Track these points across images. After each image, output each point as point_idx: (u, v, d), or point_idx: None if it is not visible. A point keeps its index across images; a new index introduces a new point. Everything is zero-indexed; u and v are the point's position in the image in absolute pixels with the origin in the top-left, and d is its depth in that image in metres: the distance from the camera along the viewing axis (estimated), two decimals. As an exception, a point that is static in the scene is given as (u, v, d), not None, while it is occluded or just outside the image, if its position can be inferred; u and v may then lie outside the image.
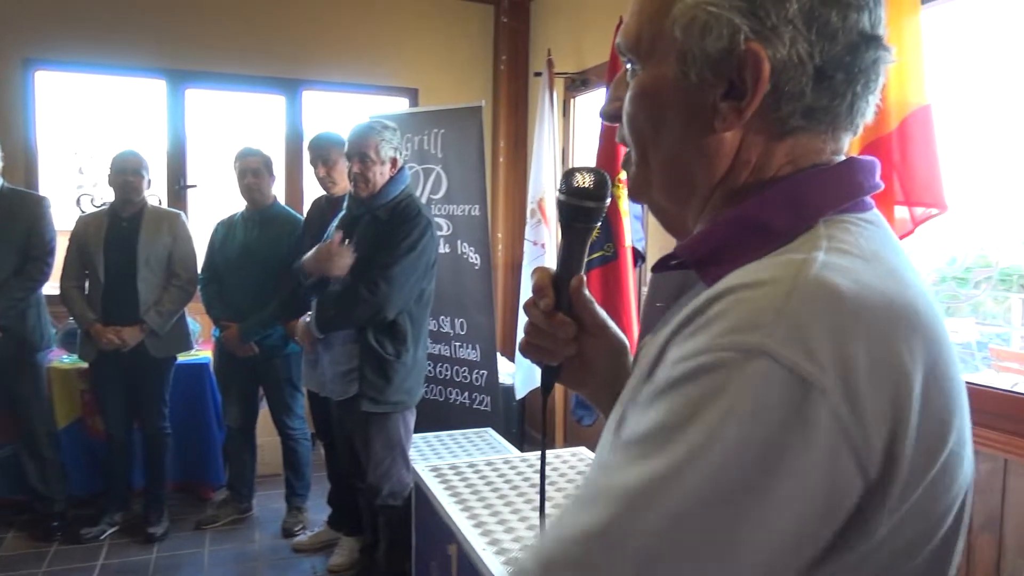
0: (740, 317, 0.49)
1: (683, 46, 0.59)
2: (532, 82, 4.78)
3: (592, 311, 0.80)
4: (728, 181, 0.62)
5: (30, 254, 3.28)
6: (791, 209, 0.58)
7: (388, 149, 2.72)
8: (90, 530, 3.39)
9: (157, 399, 3.45)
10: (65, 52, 4.15)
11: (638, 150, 0.66)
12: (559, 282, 0.78)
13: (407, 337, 2.72)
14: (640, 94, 0.63)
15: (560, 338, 0.78)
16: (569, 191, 0.77)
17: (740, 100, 0.58)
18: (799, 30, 0.56)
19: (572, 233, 0.79)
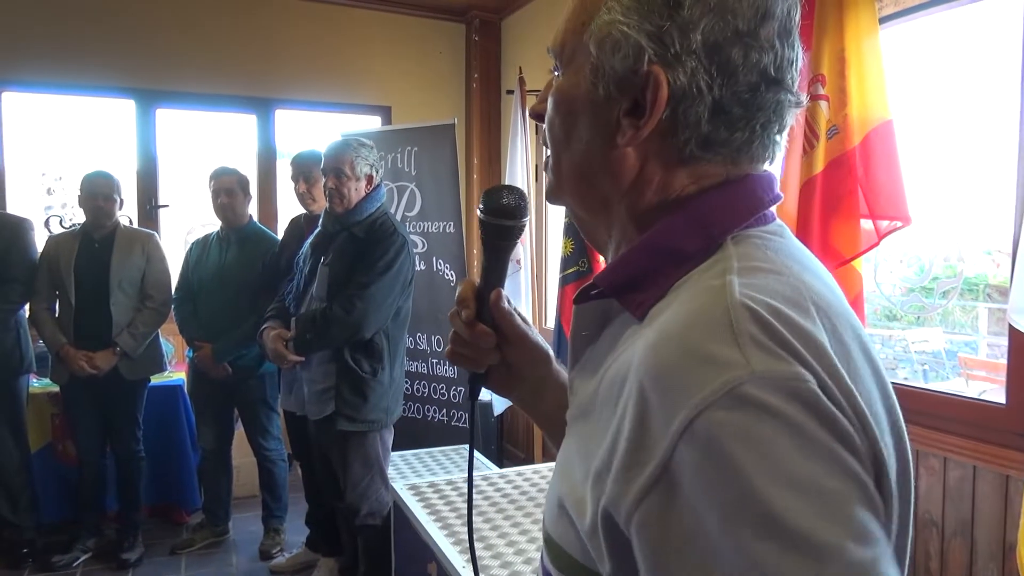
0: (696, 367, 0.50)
1: (596, 60, 0.62)
2: (504, 99, 4.81)
3: (511, 322, 0.82)
4: (634, 197, 0.63)
5: (8, 275, 3.24)
6: (699, 231, 0.60)
7: (364, 165, 2.72)
8: (62, 557, 3.33)
9: (130, 422, 3.40)
10: (32, 73, 4.11)
11: (553, 153, 0.68)
12: (481, 294, 0.81)
13: (383, 355, 2.72)
14: (558, 99, 0.66)
15: (481, 347, 0.81)
16: (488, 210, 0.80)
17: (640, 119, 0.60)
18: (701, 62, 0.58)
19: (492, 250, 0.82)
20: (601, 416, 0.58)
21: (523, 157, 3.93)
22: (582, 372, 0.69)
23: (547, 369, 0.86)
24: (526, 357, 0.84)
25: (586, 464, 0.58)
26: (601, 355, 0.65)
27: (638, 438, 0.51)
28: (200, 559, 3.44)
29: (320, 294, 2.72)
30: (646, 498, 0.50)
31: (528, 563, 1.94)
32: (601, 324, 0.68)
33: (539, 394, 0.86)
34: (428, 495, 2.44)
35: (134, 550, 3.39)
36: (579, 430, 0.64)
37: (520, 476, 2.61)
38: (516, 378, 0.85)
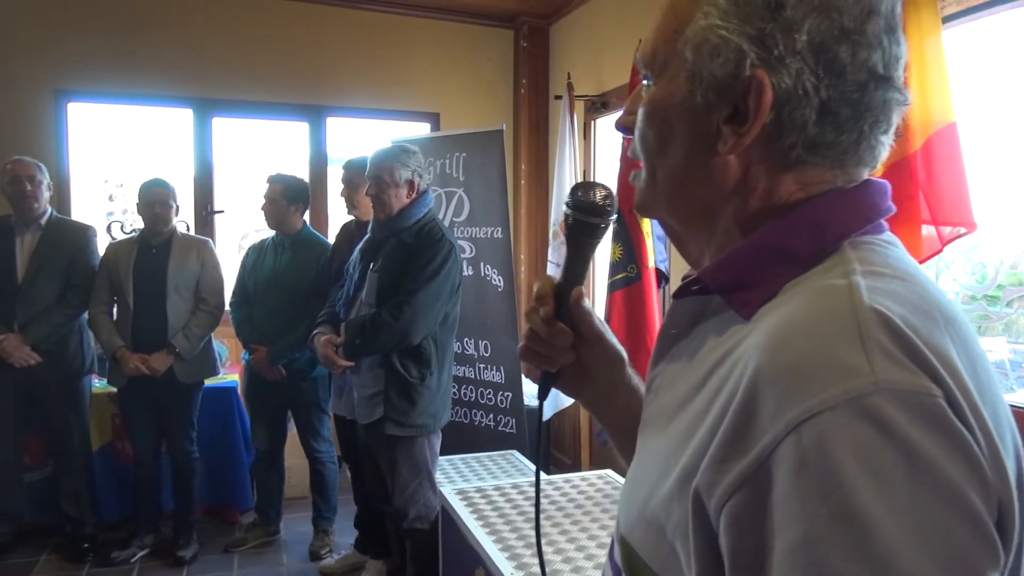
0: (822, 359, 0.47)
1: (693, 67, 0.60)
2: (552, 105, 4.81)
3: (590, 322, 0.81)
4: (737, 205, 0.62)
5: (72, 281, 3.36)
6: (813, 234, 0.58)
7: (404, 172, 2.74)
8: (120, 553, 3.43)
9: (185, 423, 3.49)
10: (95, 83, 4.26)
11: (647, 165, 0.67)
12: (560, 292, 0.80)
13: (431, 360, 2.73)
14: (650, 110, 0.65)
15: (558, 346, 0.80)
16: (575, 206, 0.79)
17: (742, 125, 0.58)
18: (807, 63, 0.56)
19: (576, 247, 0.81)
20: (697, 413, 0.57)
21: (571, 162, 3.92)
22: (668, 370, 0.68)
23: (621, 372, 0.85)
24: (601, 358, 0.83)
25: (673, 462, 0.57)
26: (692, 353, 0.64)
27: (740, 428, 0.49)
28: (252, 558, 3.51)
29: (369, 300, 2.75)
30: (738, 492, 0.48)
31: (577, 571, 1.93)
32: (692, 321, 0.67)
33: (611, 397, 0.85)
34: (476, 500, 2.44)
35: (189, 548, 3.47)
36: (664, 428, 0.63)
37: (568, 483, 2.59)
38: (589, 379, 0.84)
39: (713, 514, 0.50)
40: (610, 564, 0.70)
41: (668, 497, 0.56)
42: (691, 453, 0.54)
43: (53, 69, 4.17)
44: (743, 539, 0.48)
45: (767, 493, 0.47)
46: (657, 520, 0.58)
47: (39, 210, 3.37)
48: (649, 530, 0.60)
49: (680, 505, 0.54)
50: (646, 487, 0.61)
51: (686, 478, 0.54)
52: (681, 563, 0.55)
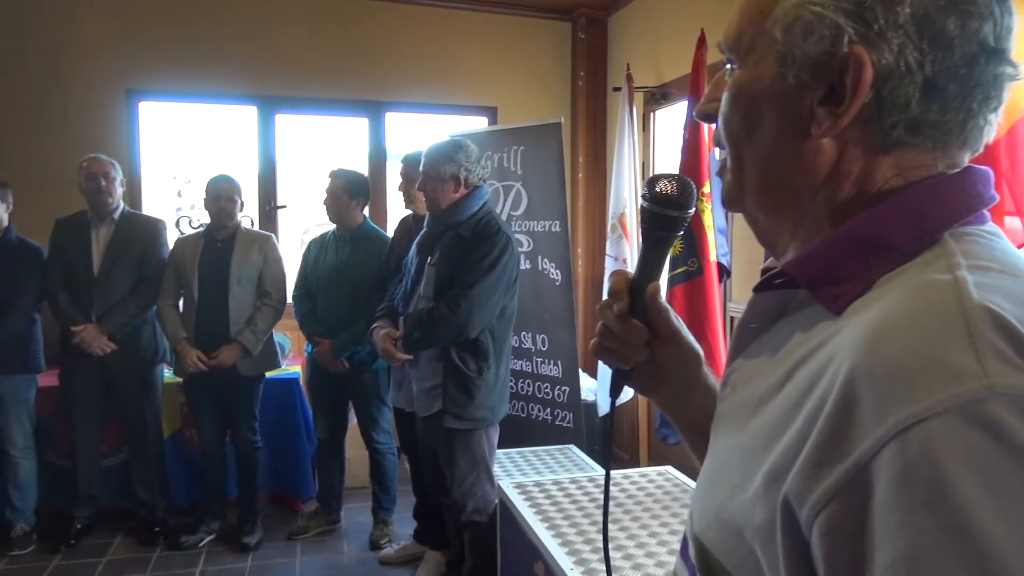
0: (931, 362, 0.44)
1: (783, 47, 0.58)
2: (611, 97, 4.76)
3: (666, 319, 0.79)
4: (828, 192, 0.59)
5: (144, 274, 3.49)
6: (911, 223, 0.55)
7: (449, 168, 2.73)
8: (189, 538, 3.54)
9: (247, 415, 3.58)
10: (165, 83, 4.40)
11: (732, 153, 0.64)
12: (635, 287, 0.78)
13: (489, 354, 2.74)
14: (736, 94, 0.62)
15: (632, 343, 0.78)
16: (652, 198, 0.77)
17: (838, 106, 0.56)
18: (910, 36, 0.53)
19: (652, 241, 0.79)
20: (782, 413, 0.54)
21: (630, 155, 3.87)
22: (746, 365, 0.65)
23: (697, 372, 0.82)
24: (677, 357, 0.81)
25: (755, 462, 0.54)
26: (774, 349, 0.61)
27: (835, 432, 0.47)
28: (314, 546, 3.59)
29: (427, 293, 2.77)
30: (834, 500, 0.45)
31: (637, 568, 1.91)
32: (775, 316, 0.64)
33: (686, 397, 0.83)
34: (534, 494, 2.44)
35: (253, 535, 3.57)
36: (742, 425, 0.60)
37: (627, 479, 2.57)
38: (663, 378, 0.82)
39: (805, 522, 0.47)
40: (683, 562, 0.68)
41: (750, 499, 0.54)
42: (777, 455, 0.52)
43: (125, 70, 4.32)
44: (839, 550, 0.45)
45: (866, 502, 0.44)
46: (735, 521, 0.56)
47: (113, 205, 3.50)
48: (725, 530, 0.58)
49: (764, 509, 0.52)
50: (724, 487, 0.59)
51: (772, 481, 0.51)
52: (760, 566, 0.53)
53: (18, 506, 3.50)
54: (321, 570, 3.36)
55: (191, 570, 3.33)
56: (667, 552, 2.00)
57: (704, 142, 3.08)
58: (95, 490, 3.63)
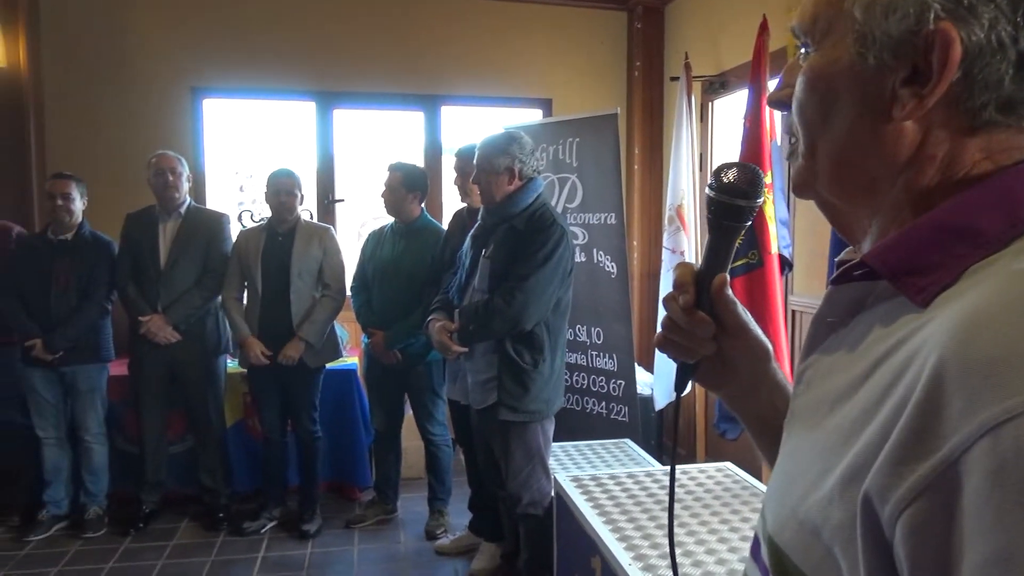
0: None
1: (863, 26, 0.55)
2: (667, 87, 4.69)
3: (734, 312, 0.77)
4: (909, 177, 0.56)
5: (208, 266, 3.59)
6: (1003, 210, 0.52)
7: (503, 160, 2.72)
8: (251, 524, 3.64)
9: (308, 405, 3.65)
10: (227, 80, 4.51)
11: (806, 140, 0.62)
12: (701, 279, 0.76)
13: (544, 346, 2.73)
14: (812, 78, 0.60)
15: (698, 336, 0.76)
16: (719, 187, 0.75)
17: (923, 86, 0.53)
18: (1002, 10, 0.50)
19: (719, 231, 0.77)
20: (863, 409, 0.52)
21: (688, 146, 3.80)
22: (823, 361, 0.63)
23: (765, 366, 0.80)
24: (745, 351, 0.79)
25: (833, 460, 0.52)
26: (852, 343, 0.59)
27: (921, 428, 0.45)
28: (372, 534, 3.64)
29: (482, 286, 2.77)
30: (920, 498, 0.43)
31: (697, 566, 1.88)
32: (853, 310, 0.61)
33: (753, 392, 0.81)
34: (591, 488, 2.43)
35: (313, 522, 3.64)
36: (819, 423, 0.58)
37: (685, 475, 2.53)
38: (730, 372, 0.80)
39: (887, 521, 0.45)
40: (756, 563, 0.66)
41: (827, 498, 0.52)
42: (857, 452, 0.49)
43: (190, 68, 4.45)
44: (925, 550, 0.43)
45: (955, 501, 0.42)
46: (811, 521, 0.54)
47: (179, 200, 3.61)
48: (801, 531, 0.55)
49: (842, 508, 0.50)
50: (800, 485, 0.57)
51: (851, 479, 0.49)
52: (839, 568, 0.51)
53: (91, 490, 3.65)
54: (379, 559, 3.41)
55: (253, 555, 3.41)
56: (727, 550, 1.96)
57: (765, 131, 3.00)
58: (162, 476, 3.76)
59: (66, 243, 3.53)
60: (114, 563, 3.33)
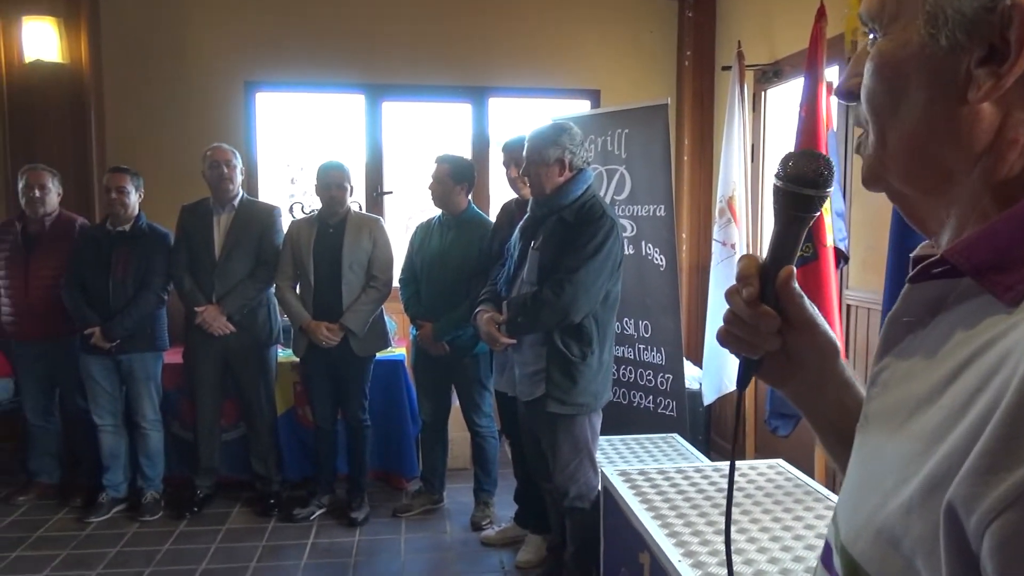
0: None
1: (933, 7, 0.52)
2: (719, 76, 4.61)
3: (800, 306, 0.74)
4: (989, 165, 0.53)
5: (261, 258, 3.65)
6: None
7: (554, 151, 2.70)
8: (301, 511, 3.70)
9: (358, 393, 3.69)
10: (280, 74, 4.58)
11: (876, 129, 0.59)
12: (766, 272, 0.74)
13: (592, 339, 2.70)
14: (880, 64, 0.57)
15: (761, 331, 0.73)
16: (787, 177, 0.72)
17: (1000, 65, 0.50)
18: None
19: (786, 222, 0.74)
20: (948, 414, 0.49)
21: (740, 136, 3.73)
22: (900, 363, 0.60)
23: (833, 364, 0.77)
24: (811, 347, 0.76)
25: (913, 467, 0.50)
26: (933, 346, 0.56)
27: (1012, 437, 0.42)
28: (418, 523, 3.67)
29: (531, 278, 2.76)
30: (1010, 509, 0.41)
31: (749, 564, 1.84)
32: (932, 309, 0.58)
33: (820, 390, 0.78)
34: (639, 483, 2.40)
35: (361, 510, 3.69)
36: (898, 428, 0.55)
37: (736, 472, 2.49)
38: (795, 369, 0.77)
39: (973, 532, 0.43)
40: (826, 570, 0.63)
41: (906, 507, 0.49)
42: (940, 460, 0.47)
43: (243, 63, 4.53)
44: (1015, 564, 0.41)
45: None
46: (890, 531, 0.51)
47: (233, 192, 3.68)
48: (878, 541, 0.53)
49: (924, 518, 0.47)
50: (877, 493, 0.54)
51: (934, 488, 0.47)
52: None
53: (148, 475, 3.76)
54: (425, 548, 3.44)
55: (303, 542, 3.47)
56: (780, 548, 1.92)
57: (821, 120, 2.92)
58: (215, 462, 3.85)
59: (124, 234, 3.63)
60: (170, 545, 3.42)
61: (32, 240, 3.72)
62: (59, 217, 3.78)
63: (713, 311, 3.81)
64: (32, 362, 3.79)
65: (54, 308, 3.65)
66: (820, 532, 2.02)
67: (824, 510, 2.16)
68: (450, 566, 3.29)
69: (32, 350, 3.77)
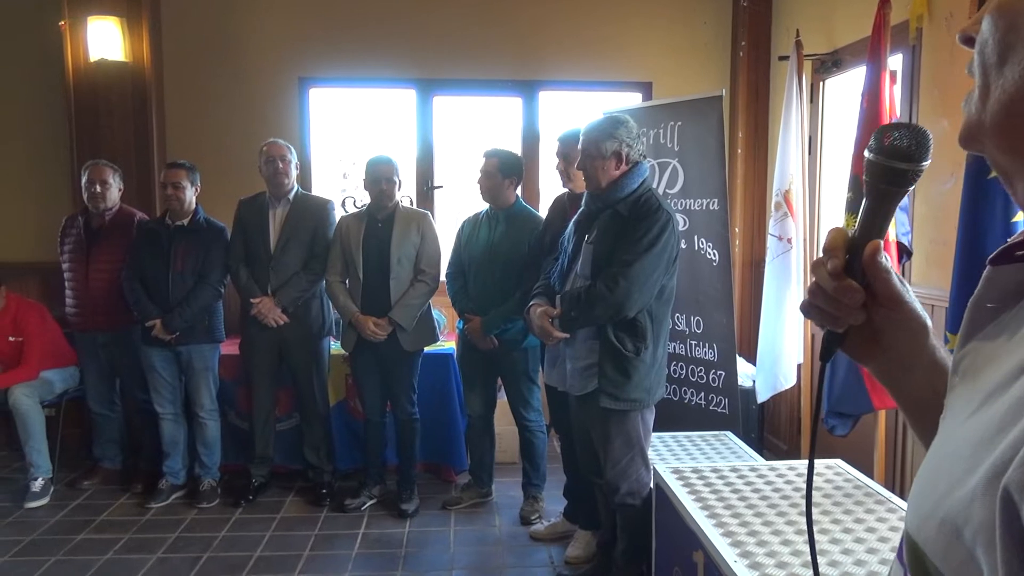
0: None
1: None
2: (775, 66, 4.50)
3: (887, 281, 0.71)
4: None
5: (314, 251, 3.70)
6: None
7: (611, 144, 2.67)
8: (352, 501, 3.75)
9: (407, 387, 3.72)
10: (332, 70, 4.64)
11: (981, 83, 0.56)
12: (854, 245, 0.72)
13: (647, 334, 2.67)
14: (995, 14, 0.54)
15: (845, 304, 0.71)
16: (880, 150, 0.70)
17: None
18: None
19: (876, 195, 0.73)
20: (1017, 400, 0.47)
21: (797, 128, 3.63)
22: (981, 348, 0.58)
23: (922, 342, 0.74)
24: (899, 323, 0.73)
25: (982, 455, 0.47)
26: (1015, 330, 0.54)
27: None
28: (467, 517, 3.69)
29: (584, 272, 2.73)
30: None
31: (807, 567, 1.80)
32: (1017, 293, 0.56)
33: (908, 369, 0.75)
34: (692, 480, 2.37)
35: (411, 502, 3.72)
36: (972, 415, 0.53)
37: (792, 471, 2.44)
38: (881, 346, 0.75)
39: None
40: (900, 565, 0.61)
41: (970, 495, 0.47)
42: (1005, 447, 0.45)
43: (297, 59, 4.59)
44: None
45: None
46: (952, 520, 0.49)
47: (289, 186, 3.74)
48: (942, 530, 0.51)
49: (985, 506, 0.45)
50: (944, 481, 0.52)
51: (996, 475, 0.44)
52: (981, 573, 0.46)
53: (205, 463, 3.85)
54: (474, 541, 3.45)
55: (354, 531, 3.52)
56: (840, 551, 1.87)
57: (884, 110, 2.83)
58: (270, 451, 3.93)
59: (182, 228, 3.72)
60: (226, 532, 3.50)
61: (94, 234, 3.84)
62: (119, 212, 3.90)
63: (768, 307, 3.73)
64: (94, 352, 3.93)
65: (115, 300, 3.77)
66: (882, 535, 1.97)
67: (886, 512, 2.10)
68: (499, 559, 3.29)
69: (94, 341, 3.90)
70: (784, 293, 3.64)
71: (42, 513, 3.69)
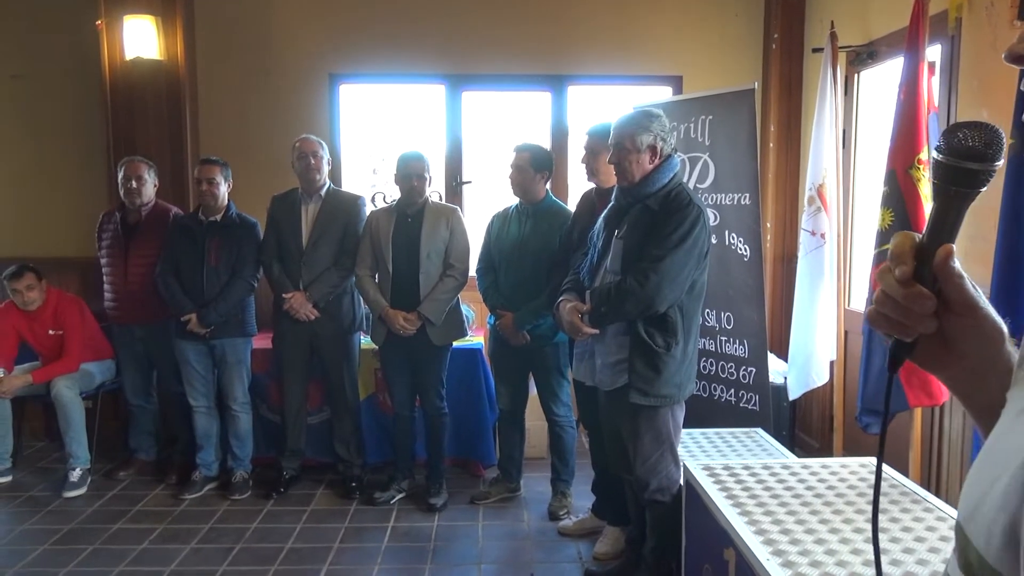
0: None
1: None
2: (808, 59, 4.43)
3: (960, 286, 0.68)
4: None
5: (345, 247, 3.73)
6: None
7: (646, 137, 2.65)
8: (382, 494, 3.78)
9: (435, 382, 3.74)
10: (362, 66, 4.67)
11: None
12: (923, 251, 0.69)
13: (677, 329, 2.65)
14: None
15: (915, 312, 0.68)
16: (948, 150, 0.68)
17: None
18: None
19: (946, 197, 0.69)
20: None
21: (831, 121, 3.58)
22: None
23: (997, 350, 0.71)
24: (972, 331, 0.70)
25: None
26: None
27: None
28: (496, 511, 3.70)
29: (614, 267, 2.72)
30: None
31: (842, 566, 1.77)
32: None
33: (982, 377, 0.72)
34: (723, 478, 2.35)
35: (440, 496, 3.74)
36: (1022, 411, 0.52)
37: (825, 469, 2.40)
38: (955, 354, 0.72)
39: None
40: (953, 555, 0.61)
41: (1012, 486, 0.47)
42: None
43: (328, 55, 4.63)
44: None
45: None
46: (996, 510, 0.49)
47: (320, 182, 3.77)
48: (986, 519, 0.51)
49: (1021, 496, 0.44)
50: (990, 474, 0.52)
51: None
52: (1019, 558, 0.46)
53: (238, 455, 3.91)
54: (502, 536, 3.46)
55: (384, 525, 3.55)
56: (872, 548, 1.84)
57: (922, 102, 2.77)
58: (301, 444, 3.97)
59: (216, 224, 3.77)
60: (258, 524, 3.55)
61: (131, 229, 3.91)
62: (155, 207, 3.96)
63: (801, 303, 3.68)
64: (131, 345, 4.01)
65: (151, 294, 3.83)
66: (918, 535, 1.93)
67: (922, 512, 2.06)
68: (527, 554, 3.30)
69: (131, 334, 3.98)
70: (817, 289, 3.59)
71: (80, 502, 3.78)
